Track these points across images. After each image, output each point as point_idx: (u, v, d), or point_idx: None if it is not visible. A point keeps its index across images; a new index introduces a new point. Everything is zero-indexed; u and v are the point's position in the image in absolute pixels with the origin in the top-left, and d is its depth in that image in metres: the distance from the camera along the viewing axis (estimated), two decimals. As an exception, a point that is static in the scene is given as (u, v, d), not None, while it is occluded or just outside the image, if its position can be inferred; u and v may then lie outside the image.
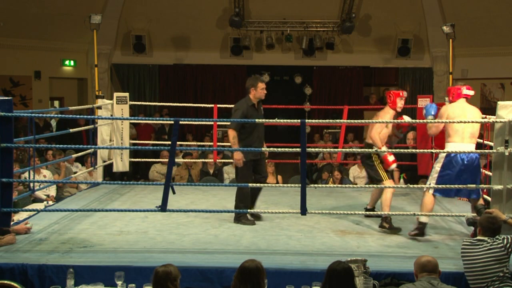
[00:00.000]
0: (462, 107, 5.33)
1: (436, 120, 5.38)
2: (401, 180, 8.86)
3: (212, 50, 13.30)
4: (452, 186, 5.13)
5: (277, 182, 8.71)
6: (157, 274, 3.45)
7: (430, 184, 5.32)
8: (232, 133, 5.90)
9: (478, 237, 4.09)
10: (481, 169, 5.44)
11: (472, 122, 5.20)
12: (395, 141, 6.22)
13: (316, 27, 12.79)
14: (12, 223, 5.15)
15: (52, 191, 7.73)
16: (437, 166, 5.32)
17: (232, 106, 10.16)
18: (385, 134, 5.88)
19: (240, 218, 5.89)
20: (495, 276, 3.87)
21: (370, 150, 5.78)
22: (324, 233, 5.58)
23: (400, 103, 5.85)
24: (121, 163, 8.08)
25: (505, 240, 3.94)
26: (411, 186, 6.19)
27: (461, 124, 5.19)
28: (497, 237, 4.01)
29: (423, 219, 5.29)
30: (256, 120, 5.69)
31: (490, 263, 3.90)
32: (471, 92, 5.43)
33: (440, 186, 5.20)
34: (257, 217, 6.08)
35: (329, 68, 13.63)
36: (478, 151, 5.94)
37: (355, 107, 10.82)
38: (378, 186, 5.79)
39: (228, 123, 10.34)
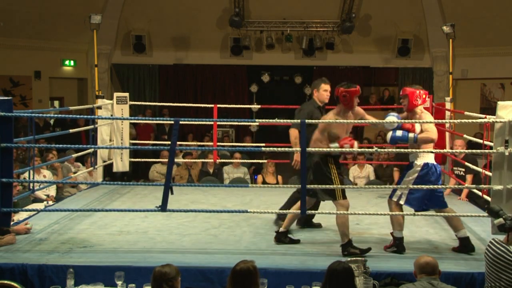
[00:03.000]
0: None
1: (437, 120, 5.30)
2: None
3: (212, 50, 13.31)
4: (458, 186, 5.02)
5: (277, 182, 8.71)
6: (153, 275, 3.46)
7: (401, 194, 4.98)
8: (294, 133, 5.52)
9: None
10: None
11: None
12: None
13: (316, 27, 12.79)
14: (12, 223, 5.15)
15: (52, 191, 7.72)
16: (411, 177, 4.98)
17: (232, 106, 10.30)
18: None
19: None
20: None
21: (370, 150, 5.77)
22: (324, 233, 5.58)
23: (356, 102, 5.08)
24: (121, 163, 8.08)
25: None
26: (411, 186, 6.17)
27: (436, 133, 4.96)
28: None
29: (398, 234, 4.96)
30: (256, 120, 5.53)
31: None
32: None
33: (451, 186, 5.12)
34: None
35: (329, 68, 13.62)
36: (478, 151, 5.96)
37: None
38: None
39: (228, 123, 10.72)
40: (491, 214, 4.23)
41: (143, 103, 12.04)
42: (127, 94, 8.37)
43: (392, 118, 4.98)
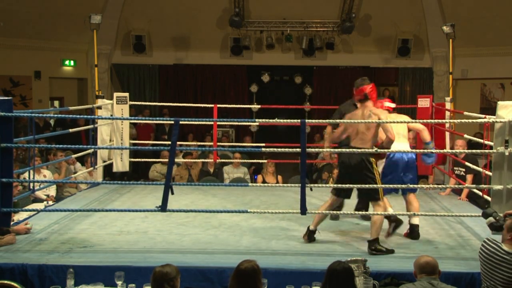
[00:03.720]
0: (388, 115, 5.30)
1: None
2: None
3: (212, 50, 13.31)
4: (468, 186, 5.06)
5: (277, 182, 8.71)
6: (154, 275, 3.46)
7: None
8: (328, 129, 6.01)
9: (508, 249, 3.74)
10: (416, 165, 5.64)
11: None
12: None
13: (316, 27, 12.79)
14: (12, 223, 5.15)
15: (52, 191, 7.73)
16: (379, 169, 5.28)
17: (232, 106, 10.30)
18: None
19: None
20: None
21: (370, 150, 5.78)
22: (324, 233, 5.58)
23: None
24: (121, 163, 8.08)
25: None
26: (411, 186, 6.18)
27: (391, 126, 5.06)
28: None
29: (416, 220, 5.37)
30: (256, 120, 5.57)
31: None
32: (392, 105, 5.60)
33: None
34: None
35: (329, 68, 13.63)
36: (478, 151, 5.96)
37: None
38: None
39: (228, 123, 10.46)
40: (484, 216, 4.33)
41: (143, 103, 12.05)
42: (127, 94, 8.37)
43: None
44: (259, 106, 10.18)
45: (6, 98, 4.81)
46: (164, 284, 3.39)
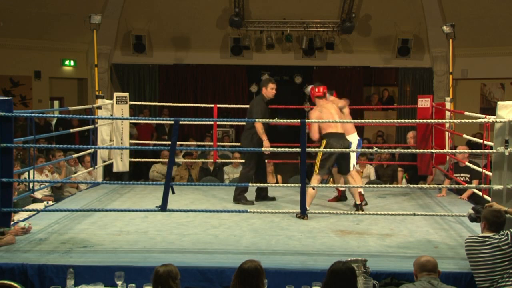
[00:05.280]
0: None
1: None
2: (404, 180, 8.86)
3: (212, 50, 13.32)
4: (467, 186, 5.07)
5: (277, 182, 8.71)
6: (157, 273, 3.45)
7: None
8: (260, 125, 6.62)
9: (483, 234, 4.09)
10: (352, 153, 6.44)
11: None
12: None
13: (316, 27, 12.80)
14: (12, 223, 5.14)
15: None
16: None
17: (232, 106, 10.29)
18: None
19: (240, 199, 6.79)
20: (506, 273, 3.87)
21: (370, 150, 5.80)
22: (324, 233, 5.58)
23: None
24: (121, 163, 8.08)
25: (509, 236, 3.94)
26: (411, 186, 6.19)
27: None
28: (501, 233, 4.01)
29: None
30: (256, 120, 5.62)
31: (499, 261, 3.90)
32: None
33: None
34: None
35: (329, 68, 13.64)
36: (478, 151, 5.96)
37: (355, 107, 10.81)
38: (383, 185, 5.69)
39: (228, 123, 10.32)
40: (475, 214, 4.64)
41: (143, 103, 12.03)
42: (127, 94, 8.37)
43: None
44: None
45: (6, 98, 4.81)
46: (169, 281, 3.40)
